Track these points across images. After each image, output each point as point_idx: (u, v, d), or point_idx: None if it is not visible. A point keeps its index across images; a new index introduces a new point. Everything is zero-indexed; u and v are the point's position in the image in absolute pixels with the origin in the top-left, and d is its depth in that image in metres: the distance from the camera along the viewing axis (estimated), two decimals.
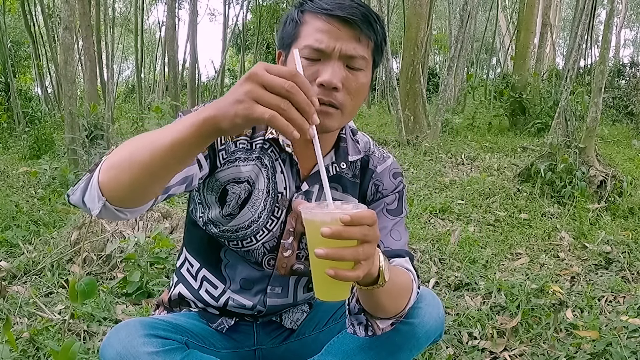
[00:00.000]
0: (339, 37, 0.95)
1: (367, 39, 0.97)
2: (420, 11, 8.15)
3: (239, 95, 0.70)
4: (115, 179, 0.81)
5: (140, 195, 0.83)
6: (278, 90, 0.69)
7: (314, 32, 0.96)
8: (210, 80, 23.50)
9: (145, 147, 0.78)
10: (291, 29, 1.01)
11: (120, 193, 0.82)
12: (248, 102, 0.69)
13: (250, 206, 1.08)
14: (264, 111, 0.69)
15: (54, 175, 4.79)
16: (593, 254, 2.90)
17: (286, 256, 1.12)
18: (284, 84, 0.69)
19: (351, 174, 1.15)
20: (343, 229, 0.75)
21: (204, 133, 0.74)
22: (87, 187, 0.86)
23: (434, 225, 3.61)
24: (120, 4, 23.84)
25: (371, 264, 0.81)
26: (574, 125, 4.55)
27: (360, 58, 0.97)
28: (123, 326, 1.01)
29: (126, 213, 0.85)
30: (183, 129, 0.75)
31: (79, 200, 0.88)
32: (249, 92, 0.69)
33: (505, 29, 19.61)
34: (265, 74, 0.69)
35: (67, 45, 5.30)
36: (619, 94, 10.24)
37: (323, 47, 0.95)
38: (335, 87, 0.95)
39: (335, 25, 0.95)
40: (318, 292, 0.84)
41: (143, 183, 0.80)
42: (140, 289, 2.29)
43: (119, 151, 0.84)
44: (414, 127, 7.84)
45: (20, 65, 16.76)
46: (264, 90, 0.69)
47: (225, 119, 0.71)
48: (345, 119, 1.01)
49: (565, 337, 1.97)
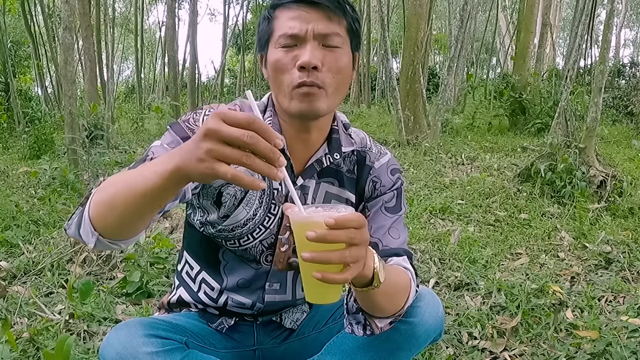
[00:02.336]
0: (309, 20, 0.97)
1: (337, 17, 1.00)
2: (420, 11, 8.15)
3: (200, 154, 0.69)
4: (103, 217, 0.84)
5: (129, 229, 0.86)
6: (238, 143, 0.68)
7: (286, 21, 0.99)
8: (210, 80, 23.52)
9: (123, 189, 0.81)
10: (265, 26, 1.04)
11: (109, 229, 0.85)
12: (210, 162, 0.69)
13: (245, 204, 1.09)
14: (225, 171, 0.68)
15: (54, 175, 4.79)
16: (593, 254, 2.90)
17: (283, 251, 1.13)
18: (242, 136, 0.67)
19: (347, 168, 1.15)
20: (328, 232, 0.74)
21: (173, 181, 0.75)
22: (81, 221, 0.89)
23: (434, 225, 3.61)
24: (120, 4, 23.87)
25: (361, 267, 0.81)
26: (574, 125, 4.55)
27: (334, 35, 0.99)
28: (123, 326, 1.01)
29: (120, 244, 0.89)
30: (153, 177, 0.76)
31: (75, 234, 0.92)
32: (209, 151, 0.68)
33: (505, 29, 19.60)
34: (222, 128, 0.68)
35: (67, 45, 5.30)
36: (619, 94, 10.23)
37: (296, 32, 0.97)
38: (315, 66, 0.96)
39: (304, 9, 0.98)
40: (308, 295, 0.84)
41: (129, 221, 0.83)
42: (140, 289, 2.29)
43: (103, 190, 0.86)
44: (414, 127, 7.84)
45: (20, 65, 16.76)
46: (224, 145, 0.68)
47: (193, 173, 0.72)
48: (331, 100, 1.01)
49: (565, 337, 1.97)
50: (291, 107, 0.99)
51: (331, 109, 1.04)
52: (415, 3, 8.15)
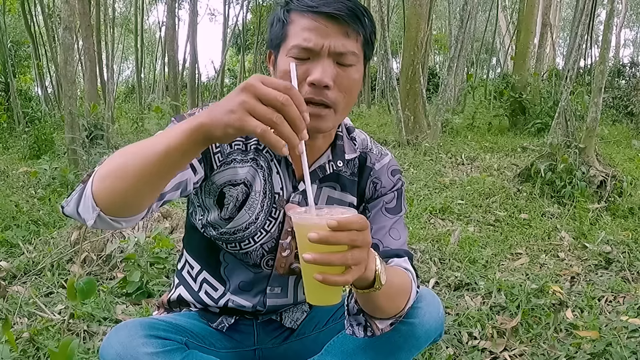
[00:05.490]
0: (326, 35, 0.94)
1: (355, 33, 0.97)
2: (420, 11, 8.16)
3: (233, 105, 0.70)
4: (108, 189, 0.80)
5: (135, 204, 0.83)
6: (272, 103, 0.69)
7: (301, 31, 0.96)
8: (210, 80, 23.54)
9: (138, 155, 0.78)
10: (278, 29, 1.00)
11: (114, 202, 0.81)
12: (241, 113, 0.69)
13: (247, 208, 1.08)
14: (256, 125, 0.69)
15: (54, 175, 4.80)
16: (593, 254, 2.90)
17: (285, 256, 1.12)
18: (279, 97, 0.69)
19: (349, 172, 1.14)
20: (330, 234, 0.74)
21: (196, 140, 0.74)
22: (80, 198, 0.86)
23: (434, 225, 3.61)
24: (120, 4, 23.86)
25: (362, 269, 0.80)
26: (574, 125, 4.55)
27: (350, 54, 0.97)
28: (123, 327, 1.01)
29: (121, 222, 0.85)
30: (175, 136, 0.75)
31: (73, 211, 0.88)
32: (243, 102, 0.69)
33: (505, 29, 19.60)
34: (260, 86, 0.70)
35: (67, 45, 5.30)
36: (619, 94, 10.22)
37: (311, 46, 0.94)
38: (326, 85, 0.94)
39: (322, 22, 0.95)
40: (309, 296, 0.84)
41: (137, 191, 0.80)
42: (140, 289, 2.29)
43: (111, 160, 0.83)
44: (414, 127, 7.84)
45: (20, 65, 16.76)
46: (258, 102, 0.69)
47: (218, 128, 0.72)
48: (339, 118, 1.01)
49: (565, 337, 1.97)
50: None
51: (336, 125, 1.04)
52: (415, 3, 8.15)
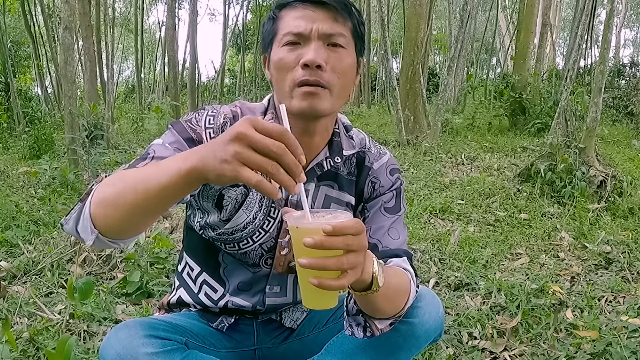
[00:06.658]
0: (315, 19, 0.97)
1: (343, 18, 1.00)
2: (420, 11, 8.15)
3: (227, 155, 0.69)
4: (105, 216, 0.83)
5: (132, 229, 0.85)
6: (267, 152, 0.69)
7: (291, 20, 0.99)
8: (210, 80, 23.51)
9: (132, 189, 0.79)
10: (269, 26, 1.03)
11: (111, 227, 0.84)
12: (235, 164, 0.69)
13: (245, 208, 1.08)
14: (250, 176, 0.69)
15: (54, 175, 4.79)
16: (593, 254, 2.90)
17: (283, 254, 1.12)
18: (272, 146, 0.68)
19: (347, 171, 1.14)
20: (325, 239, 0.74)
21: (189, 182, 0.75)
22: (79, 217, 0.88)
23: (434, 225, 3.61)
24: (120, 4, 23.86)
25: (358, 273, 0.80)
26: (574, 125, 4.55)
27: (339, 35, 0.99)
28: (123, 327, 1.01)
29: (119, 243, 0.88)
30: (169, 175, 0.75)
31: (72, 230, 0.90)
32: (236, 154, 0.68)
33: (505, 29, 19.60)
34: (253, 135, 0.68)
35: (67, 45, 5.30)
36: (619, 94, 10.22)
37: (301, 30, 0.97)
38: (319, 65, 0.95)
39: (310, 9, 0.98)
40: (305, 301, 0.84)
41: (133, 220, 0.82)
42: (140, 289, 2.29)
43: (108, 186, 0.85)
44: (414, 127, 7.83)
45: (20, 65, 16.76)
46: (252, 152, 0.69)
47: (212, 174, 0.72)
48: (335, 102, 1.01)
49: (565, 337, 1.97)
50: (292, 106, 0.98)
51: (333, 110, 1.04)
52: (415, 3, 8.15)
